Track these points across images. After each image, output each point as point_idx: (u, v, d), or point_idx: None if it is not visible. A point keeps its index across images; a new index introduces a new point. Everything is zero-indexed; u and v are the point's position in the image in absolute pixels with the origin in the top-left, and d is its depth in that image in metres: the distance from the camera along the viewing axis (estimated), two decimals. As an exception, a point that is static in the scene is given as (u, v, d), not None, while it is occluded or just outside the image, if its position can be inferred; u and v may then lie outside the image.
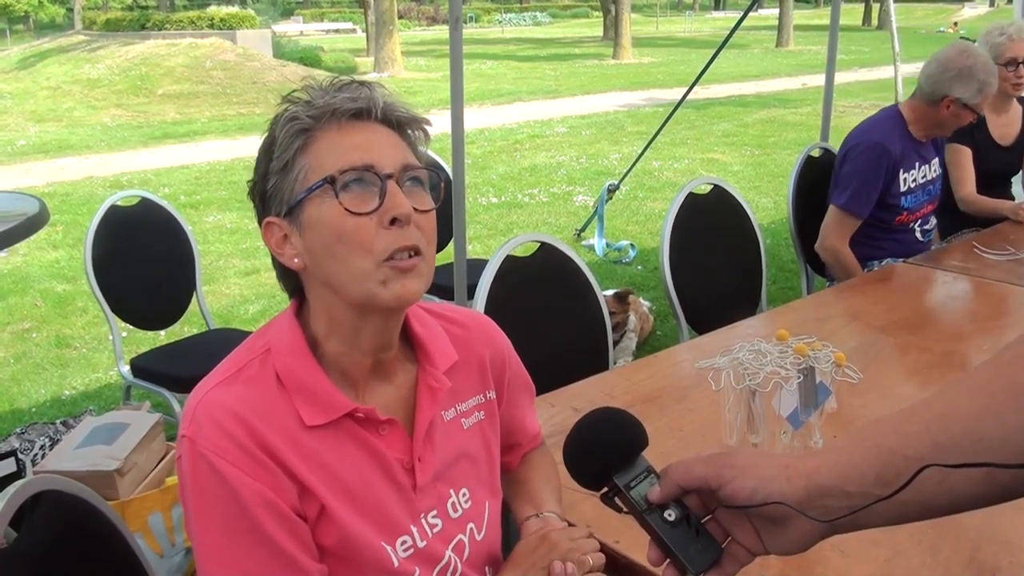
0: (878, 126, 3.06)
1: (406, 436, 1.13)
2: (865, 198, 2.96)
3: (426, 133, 1.12)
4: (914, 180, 3.04)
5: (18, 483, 1.12)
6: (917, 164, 3.04)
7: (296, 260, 1.06)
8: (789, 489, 0.78)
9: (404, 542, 1.10)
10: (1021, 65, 3.37)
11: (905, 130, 3.04)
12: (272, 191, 1.06)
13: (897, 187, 2.99)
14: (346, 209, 1.01)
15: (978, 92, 2.88)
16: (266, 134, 1.08)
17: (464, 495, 1.19)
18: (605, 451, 0.87)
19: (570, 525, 1.30)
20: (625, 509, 0.86)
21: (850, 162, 3.01)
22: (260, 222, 1.09)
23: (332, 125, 1.04)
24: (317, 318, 1.09)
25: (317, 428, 1.05)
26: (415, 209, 1.03)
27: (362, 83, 1.08)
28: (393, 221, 1.01)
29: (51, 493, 1.16)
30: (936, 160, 3.13)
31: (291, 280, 1.11)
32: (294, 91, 1.08)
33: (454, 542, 1.16)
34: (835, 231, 3.00)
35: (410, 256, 1.03)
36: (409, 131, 1.10)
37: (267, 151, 1.07)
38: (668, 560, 0.83)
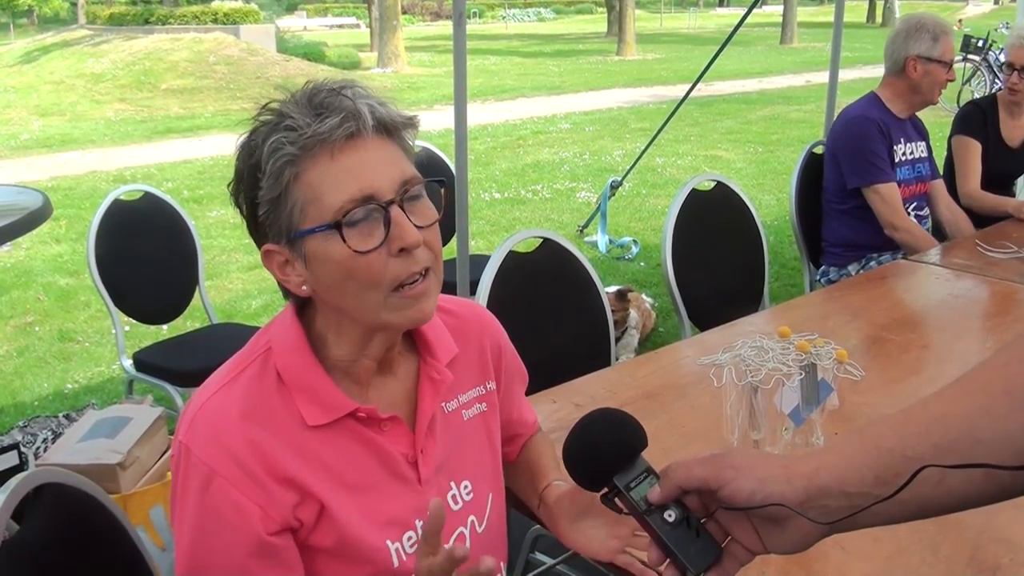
0: (855, 107, 3.17)
1: (408, 430, 1.13)
2: (882, 162, 3.03)
3: (416, 128, 1.08)
4: (904, 154, 3.11)
5: (20, 475, 1.12)
6: (903, 140, 3.12)
7: (304, 288, 1.04)
8: (789, 490, 0.78)
9: (410, 538, 1.10)
10: (1016, 72, 3.38)
11: (884, 108, 3.12)
12: (265, 219, 1.02)
13: (892, 158, 3.07)
14: (354, 251, 0.98)
15: (933, 41, 2.99)
16: (244, 148, 1.02)
17: (466, 487, 1.19)
18: (605, 452, 0.87)
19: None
20: (625, 510, 0.86)
21: (845, 146, 3.10)
22: (255, 241, 1.06)
23: (324, 153, 0.99)
24: (325, 327, 1.08)
25: (319, 428, 1.05)
26: (420, 227, 1.01)
27: (340, 91, 1.00)
28: (401, 250, 1.00)
29: (53, 486, 1.16)
30: (922, 143, 3.21)
31: (299, 297, 1.09)
32: (270, 103, 1.02)
33: (455, 535, 1.16)
34: (890, 209, 3.03)
35: (422, 276, 1.02)
36: (402, 134, 1.05)
37: (252, 175, 1.01)
38: (668, 560, 0.84)
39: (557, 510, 1.25)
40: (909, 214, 3.13)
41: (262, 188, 1.00)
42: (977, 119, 3.53)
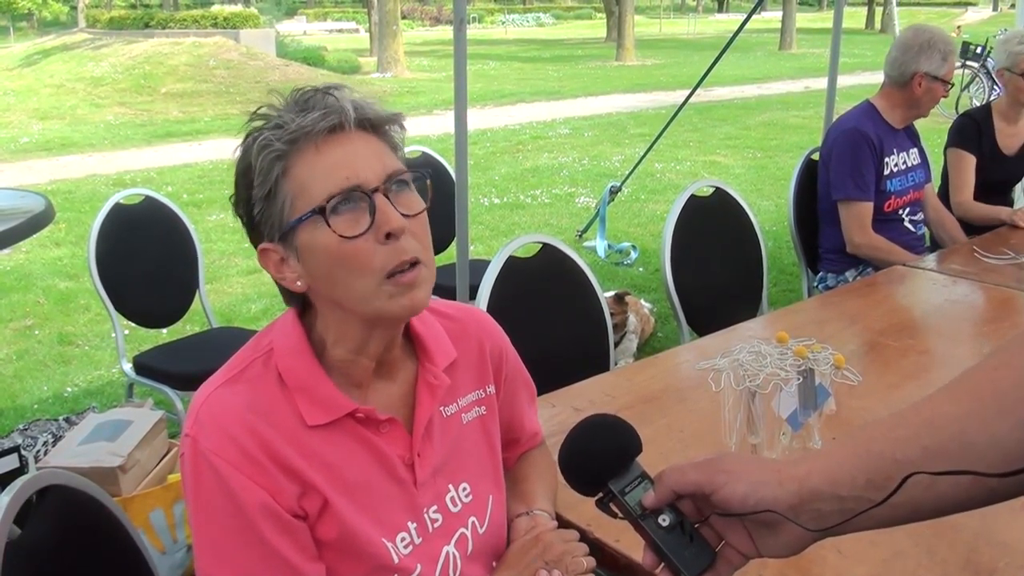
0: (849, 118, 3.18)
1: (406, 433, 1.14)
2: (863, 181, 3.04)
3: (402, 126, 1.11)
4: (896, 165, 3.12)
5: (25, 477, 1.13)
6: (895, 150, 3.13)
7: (299, 283, 1.07)
8: (781, 493, 0.79)
9: (404, 539, 1.12)
10: (1018, 76, 3.38)
11: (879, 118, 3.14)
12: (260, 218, 1.06)
13: (881, 170, 3.08)
14: (340, 236, 1.01)
15: (943, 61, 3.01)
16: (239, 154, 1.07)
17: (464, 489, 1.20)
18: (599, 458, 0.88)
19: (567, 526, 1.31)
20: (620, 514, 0.87)
21: (835, 157, 3.11)
22: (254, 245, 1.09)
23: (309, 146, 1.02)
24: (325, 328, 1.10)
25: (318, 427, 1.07)
26: (406, 215, 1.04)
27: (327, 91, 1.04)
28: (388, 235, 1.02)
29: (57, 488, 1.17)
30: (915, 150, 3.22)
31: (296, 297, 1.11)
32: (260, 108, 1.06)
33: (456, 536, 1.17)
34: (854, 225, 3.07)
35: (411, 267, 1.04)
36: (386, 129, 1.08)
37: (245, 176, 1.06)
38: (663, 564, 0.84)
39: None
40: (904, 220, 3.15)
41: (255, 187, 1.04)
42: (971, 131, 3.53)
